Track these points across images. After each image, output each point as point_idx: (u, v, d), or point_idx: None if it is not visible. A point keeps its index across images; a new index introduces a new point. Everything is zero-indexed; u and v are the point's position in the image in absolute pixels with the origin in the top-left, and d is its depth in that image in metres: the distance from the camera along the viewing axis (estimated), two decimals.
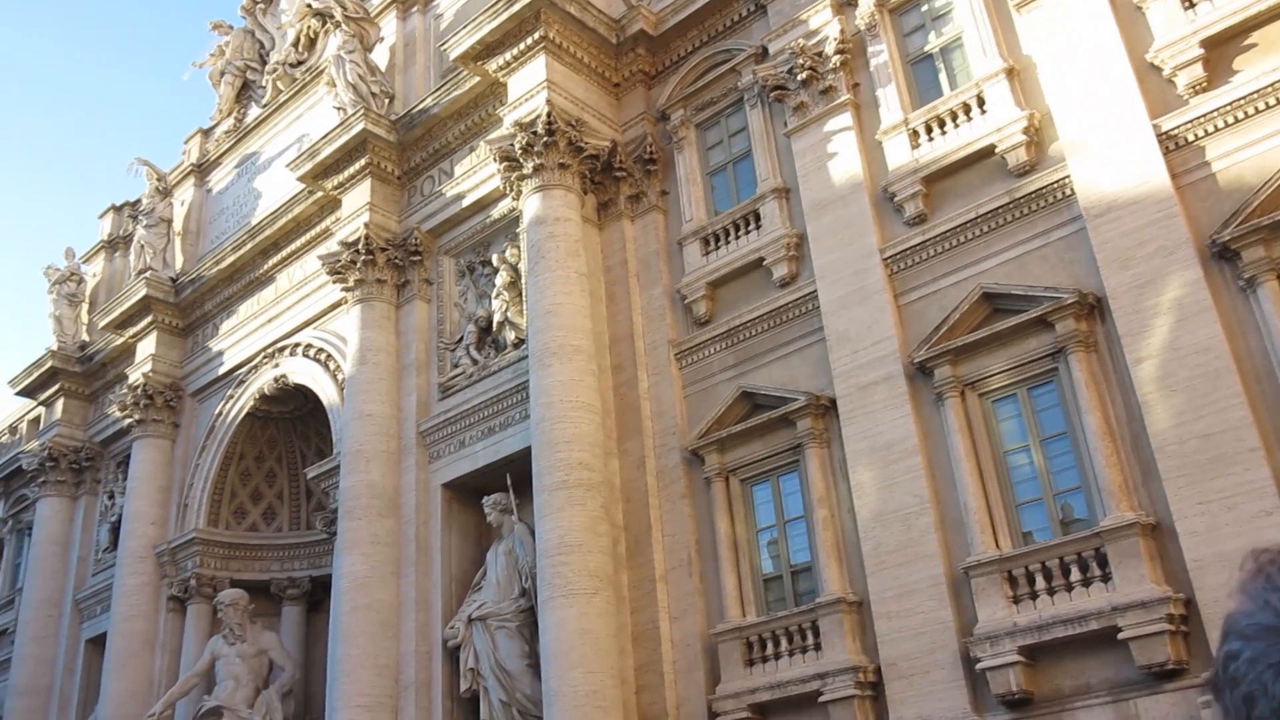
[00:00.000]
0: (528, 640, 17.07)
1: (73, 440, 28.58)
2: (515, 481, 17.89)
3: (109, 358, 28.29)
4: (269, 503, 25.41)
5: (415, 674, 17.97)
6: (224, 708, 21.59)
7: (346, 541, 19.02)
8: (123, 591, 24.34)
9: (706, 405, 16.96)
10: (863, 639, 14.41)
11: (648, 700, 15.89)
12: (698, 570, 16.28)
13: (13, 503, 33.26)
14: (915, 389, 14.70)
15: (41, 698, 26.54)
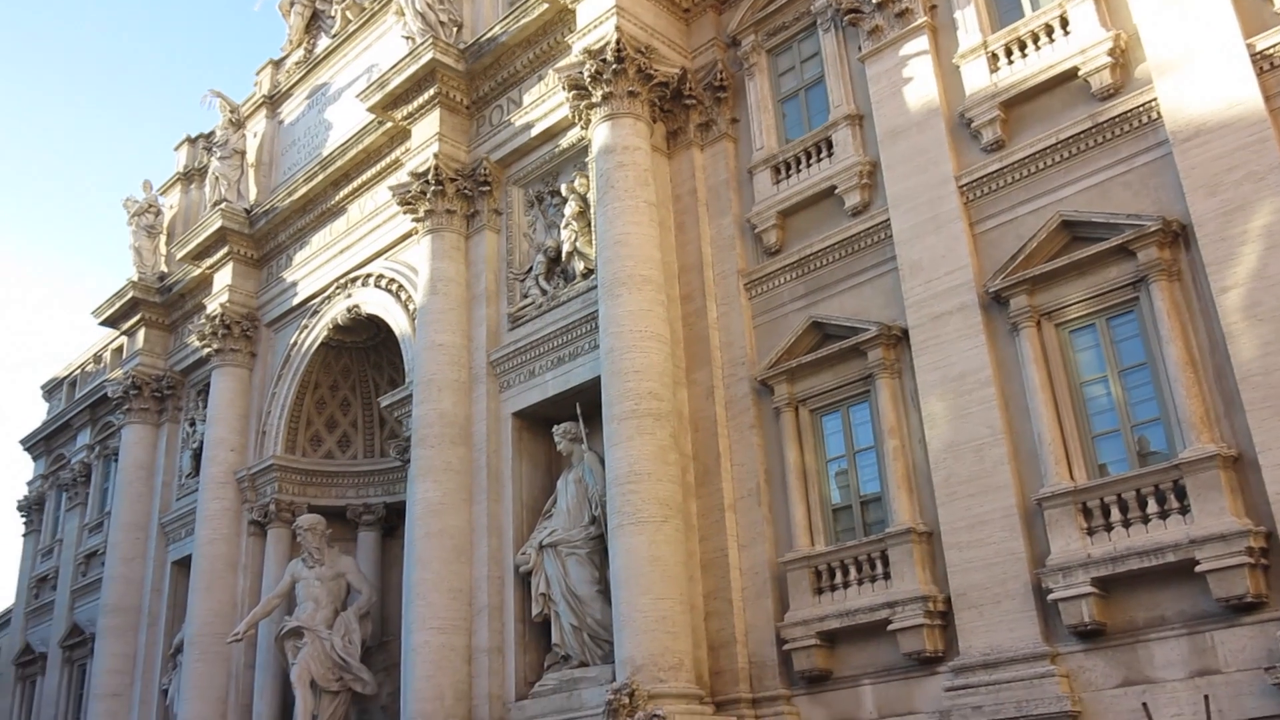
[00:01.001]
0: (598, 566, 17.33)
1: (154, 369, 29.35)
2: (584, 411, 18.04)
3: (187, 288, 28.89)
4: (344, 431, 25.95)
5: (488, 598, 18.37)
6: (304, 628, 22.30)
7: (419, 469, 19.38)
8: (205, 516, 25.14)
9: (776, 335, 16.89)
10: (932, 569, 14.41)
11: (716, 626, 16.10)
12: (766, 500, 16.35)
13: (99, 429, 34.37)
14: (990, 319, 14.48)
15: (131, 616, 27.63)
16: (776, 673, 15.49)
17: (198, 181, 31.09)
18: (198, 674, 23.77)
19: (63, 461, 36.48)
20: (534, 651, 18.11)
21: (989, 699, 12.99)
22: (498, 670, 17.99)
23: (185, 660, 24.33)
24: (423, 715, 17.66)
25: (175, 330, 29.83)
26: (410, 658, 18.41)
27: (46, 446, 37.78)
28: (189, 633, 24.54)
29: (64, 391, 37.91)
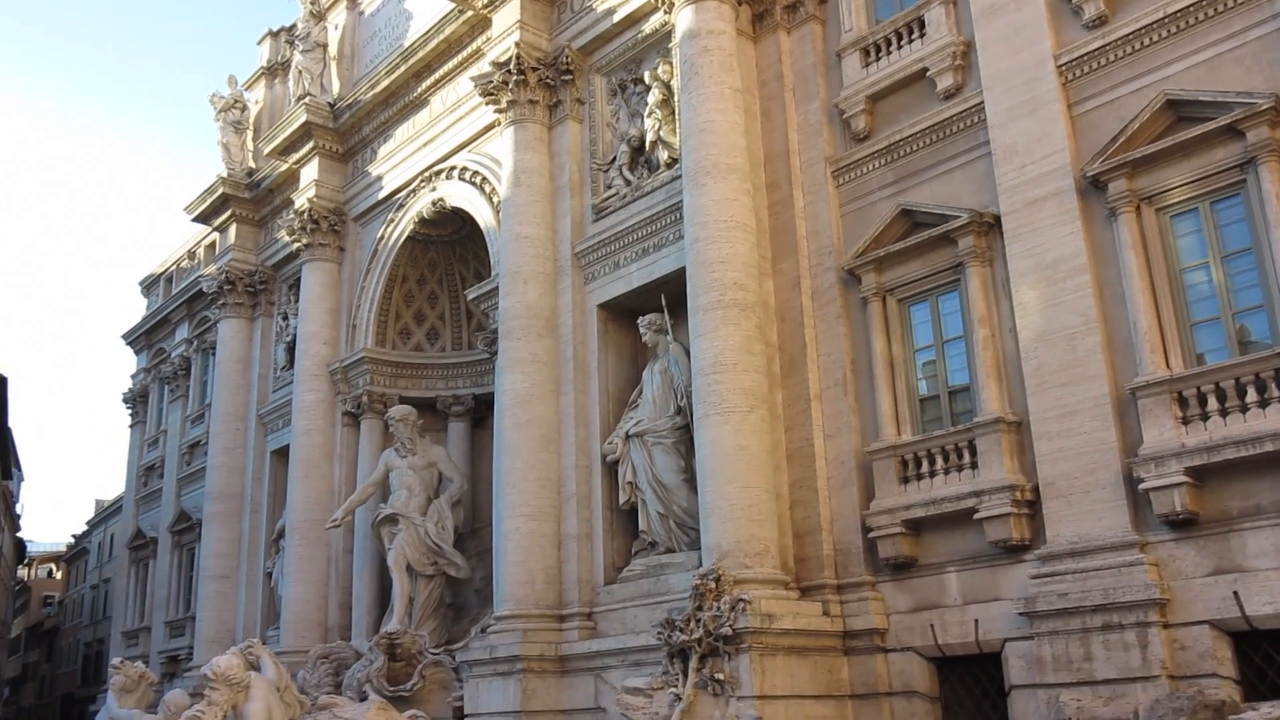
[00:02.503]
0: (684, 456, 17.56)
1: (246, 264, 30.03)
2: (670, 302, 18.08)
3: (275, 184, 29.31)
4: (432, 323, 26.39)
5: (576, 486, 18.77)
6: (399, 515, 23.07)
7: (507, 360, 19.69)
8: (301, 407, 25.93)
9: (864, 224, 16.64)
10: (1020, 459, 14.34)
11: (801, 515, 16.28)
12: (853, 390, 16.33)
13: (196, 324, 35.40)
14: (1086, 204, 14.07)
15: (234, 503, 28.82)
16: (861, 560, 15.67)
17: (281, 76, 31.28)
18: (299, 558, 24.83)
19: (163, 355, 37.72)
20: (621, 538, 18.54)
21: (1075, 586, 13.01)
22: (586, 556, 18.47)
23: (287, 545, 25.40)
24: (514, 598, 18.27)
25: (265, 225, 30.39)
26: (501, 543, 18.99)
27: (147, 341, 39.07)
28: (289, 519, 25.56)
29: (161, 287, 39.01)
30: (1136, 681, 12.25)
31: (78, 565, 69.05)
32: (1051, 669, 13.00)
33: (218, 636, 26.61)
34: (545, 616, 18.09)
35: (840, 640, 15.35)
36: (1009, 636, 13.89)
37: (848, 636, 15.37)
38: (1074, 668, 12.79)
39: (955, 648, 14.57)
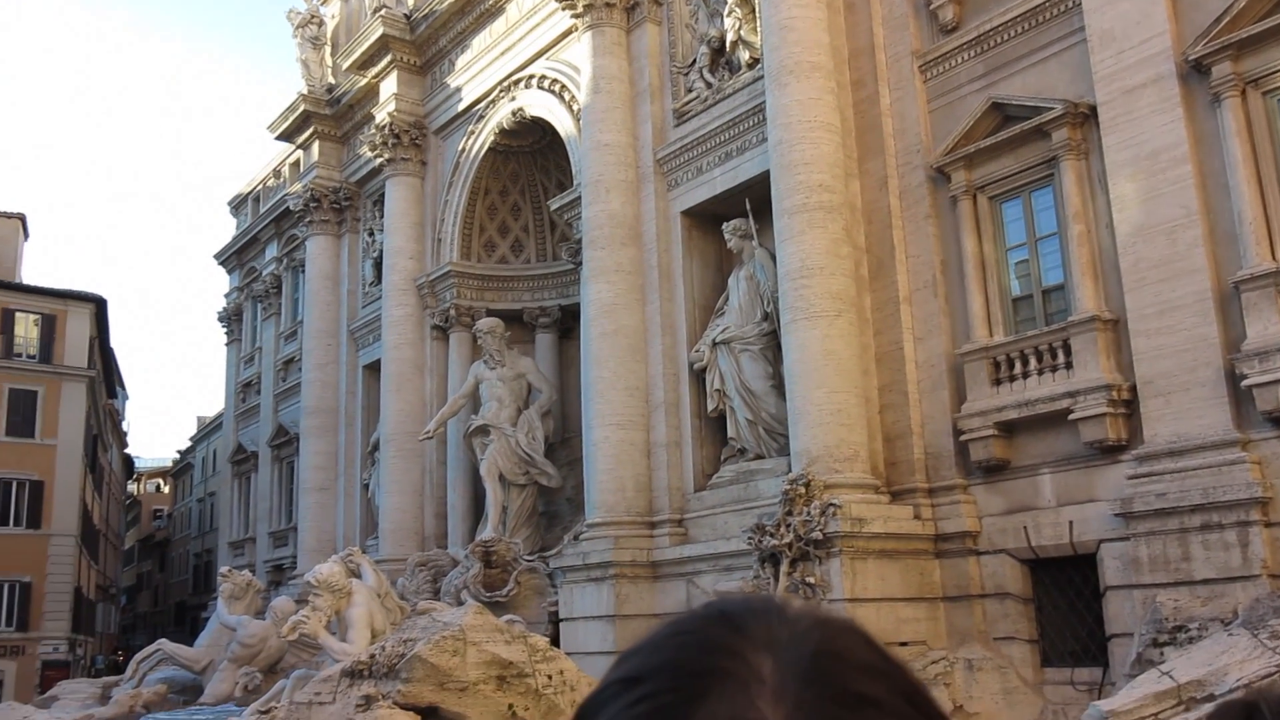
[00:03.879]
0: (771, 362, 17.49)
1: (330, 181, 30.32)
2: (754, 206, 17.84)
3: (355, 99, 29.39)
4: (516, 235, 26.46)
5: (664, 394, 18.85)
6: (490, 426, 23.46)
7: (591, 270, 19.70)
8: (390, 322, 26.35)
9: (953, 120, 16.13)
10: (1117, 357, 13.98)
11: (891, 419, 16.16)
12: (943, 291, 16.02)
13: (285, 242, 35.98)
14: (1188, 90, 13.44)
15: (329, 417, 29.56)
16: (953, 463, 15.53)
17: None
18: (395, 469, 25.46)
19: (254, 274, 38.48)
20: (710, 445, 18.62)
21: (1174, 486, 12.75)
22: (676, 463, 18.62)
23: (382, 457, 26.05)
24: (606, 506, 18.55)
25: (347, 142, 30.57)
26: (591, 452, 19.22)
27: (238, 260, 39.87)
28: (383, 431, 26.16)
29: (249, 207, 39.63)
30: (1236, 581, 12.03)
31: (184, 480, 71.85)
32: (1148, 569, 12.83)
33: (319, 546, 27.52)
34: (636, 523, 18.36)
35: (931, 543, 15.32)
36: (1104, 538, 13.71)
37: (939, 539, 15.33)
38: (1171, 568, 12.60)
39: (1049, 549, 14.45)
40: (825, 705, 0.77)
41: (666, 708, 0.77)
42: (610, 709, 0.81)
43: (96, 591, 54.98)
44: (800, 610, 0.86)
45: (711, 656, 0.80)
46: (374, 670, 11.23)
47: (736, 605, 0.87)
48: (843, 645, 0.83)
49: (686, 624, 0.86)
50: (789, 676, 0.78)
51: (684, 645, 0.83)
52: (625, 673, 0.83)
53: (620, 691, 0.81)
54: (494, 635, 11.37)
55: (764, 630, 0.83)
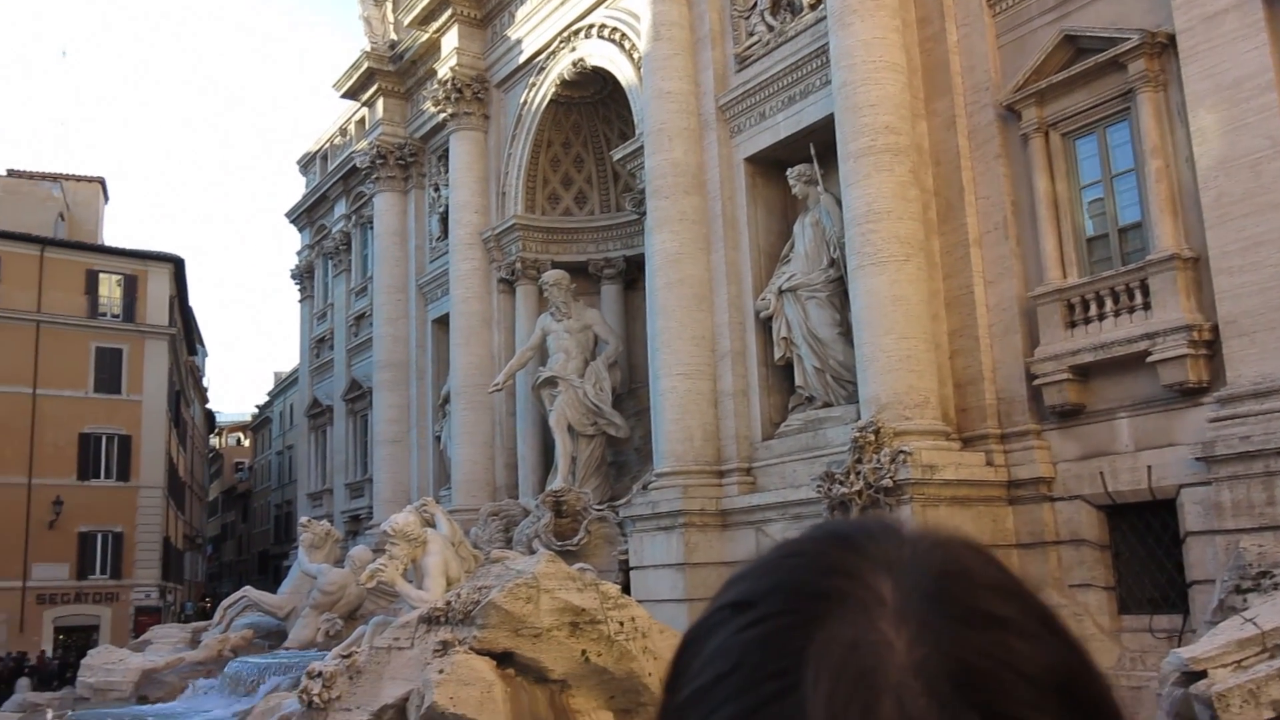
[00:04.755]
0: (838, 309, 17.29)
1: (395, 137, 30.47)
2: (819, 151, 17.55)
3: (417, 55, 29.41)
4: (579, 187, 26.40)
5: (730, 343, 18.76)
6: (558, 377, 23.59)
7: (655, 220, 19.59)
8: (457, 276, 26.54)
9: (1023, 55, 15.65)
10: (1198, 297, 13.57)
11: (962, 364, 15.90)
12: (1014, 233, 15.65)
13: (353, 199, 36.33)
14: (1272, 14, 12.85)
15: (400, 370, 29.97)
16: (1025, 408, 15.26)
17: None
18: (465, 421, 25.77)
19: (324, 232, 38.96)
20: (777, 394, 18.52)
21: (1258, 429, 12.38)
22: (743, 412, 18.56)
23: (453, 409, 26.37)
24: (674, 455, 18.58)
25: (411, 98, 30.66)
26: (658, 402, 19.24)
27: (309, 218, 40.38)
28: (453, 384, 26.46)
29: (318, 165, 40.04)
30: None
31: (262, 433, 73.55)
32: (1230, 514, 12.52)
33: (394, 496, 28.02)
34: (704, 472, 18.37)
35: (1004, 490, 15.11)
36: (1184, 482, 13.40)
37: (1012, 486, 15.11)
38: (1255, 512, 12.28)
39: (1126, 495, 14.17)
40: (953, 625, 0.72)
41: (781, 631, 0.73)
42: (720, 635, 0.77)
43: (184, 541, 56.76)
44: (919, 531, 0.81)
45: (828, 578, 0.76)
46: (450, 617, 11.42)
47: (851, 526, 0.82)
48: (968, 564, 0.78)
49: (799, 546, 0.82)
50: (912, 597, 0.73)
51: (798, 567, 0.78)
52: (735, 597, 0.79)
53: (730, 616, 0.78)
54: (566, 583, 11.48)
55: (882, 551, 0.78)
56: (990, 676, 0.70)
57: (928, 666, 0.69)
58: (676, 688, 0.78)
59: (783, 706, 0.69)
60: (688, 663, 0.78)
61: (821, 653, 0.70)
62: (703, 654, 0.77)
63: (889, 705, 0.67)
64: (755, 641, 0.74)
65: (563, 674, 11.12)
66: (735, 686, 0.72)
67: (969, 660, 0.70)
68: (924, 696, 0.68)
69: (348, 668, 11.70)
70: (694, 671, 0.77)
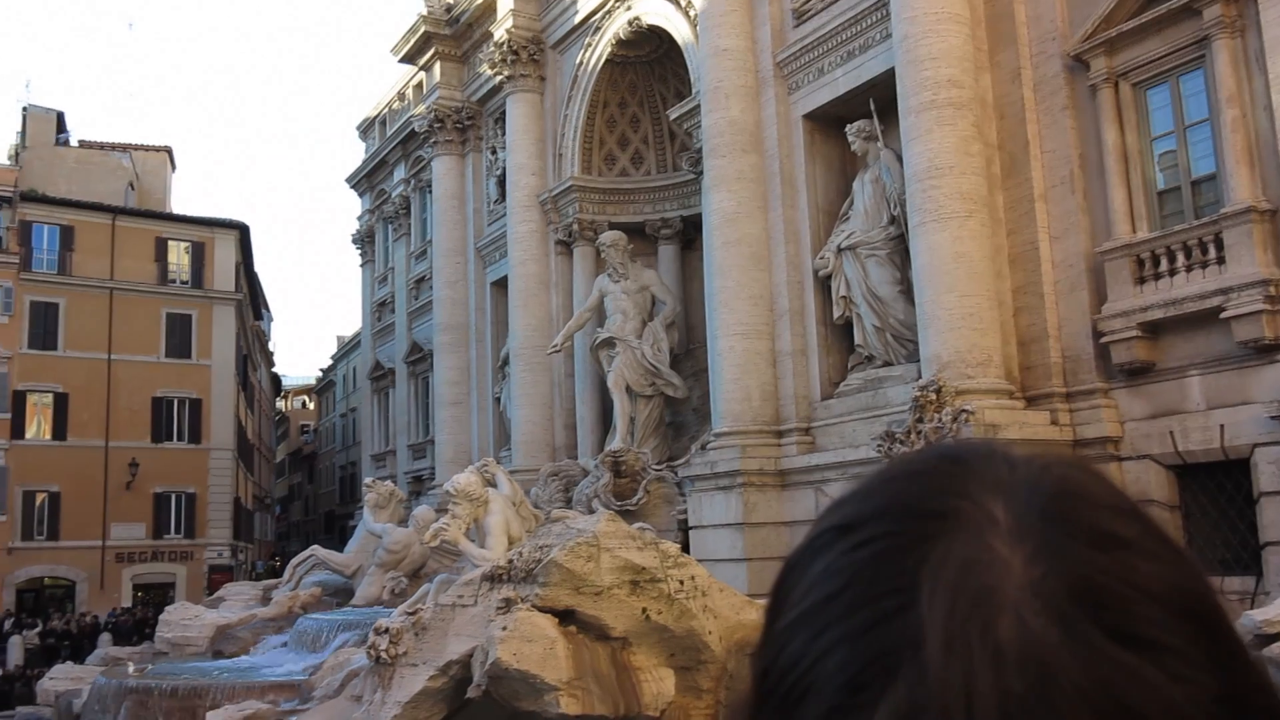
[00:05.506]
0: (898, 267, 17.06)
1: (453, 101, 30.50)
2: (879, 107, 17.26)
3: (473, 17, 29.35)
4: (635, 147, 26.26)
5: (788, 303, 18.61)
6: (616, 338, 23.61)
7: (712, 179, 19.43)
8: (515, 238, 26.60)
9: (1092, 3, 15.18)
10: (1275, 250, 13.18)
11: (1026, 322, 15.63)
12: (1081, 187, 15.29)
13: (412, 164, 36.49)
14: None
15: (460, 333, 30.21)
16: (1092, 366, 14.98)
17: None
18: (525, 383, 25.93)
19: (384, 196, 39.21)
20: (836, 353, 18.37)
21: None
22: (802, 372, 18.44)
23: (512, 371, 26.54)
24: (732, 415, 18.54)
25: (467, 61, 30.64)
26: (716, 362, 19.18)
27: (368, 183, 40.66)
28: (512, 346, 26.61)
29: (376, 130, 40.23)
30: None
31: (327, 396, 74.72)
32: None
33: (455, 457, 28.34)
34: (763, 432, 18.31)
35: (1070, 449, 14.84)
36: (1259, 441, 13.07)
37: (1078, 445, 14.86)
38: None
39: (1197, 454, 13.86)
40: (1072, 545, 0.69)
41: (893, 550, 0.71)
42: (826, 557, 0.74)
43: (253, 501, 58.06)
44: (1028, 454, 0.78)
45: (938, 497, 0.73)
46: (512, 575, 11.53)
47: (957, 447, 0.79)
48: (1084, 485, 0.75)
49: (905, 467, 0.78)
50: (1027, 517, 0.70)
51: (905, 488, 0.75)
52: (839, 520, 0.77)
53: (836, 538, 0.75)
54: (626, 542, 11.52)
55: (991, 472, 0.75)
56: (1115, 595, 0.67)
57: (1047, 585, 0.67)
58: (780, 613, 0.76)
59: (898, 623, 0.67)
60: (791, 587, 0.76)
61: (936, 571, 0.68)
62: (808, 577, 0.75)
63: (1008, 623, 0.65)
64: (866, 561, 0.72)
65: (623, 631, 11.19)
66: (847, 605, 0.70)
67: (1092, 578, 0.68)
68: (1043, 615, 0.65)
69: (413, 624, 11.88)
70: (799, 594, 0.75)
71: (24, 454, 41.29)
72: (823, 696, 0.68)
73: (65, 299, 43.20)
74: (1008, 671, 0.63)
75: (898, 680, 0.65)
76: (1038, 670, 0.63)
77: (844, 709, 0.66)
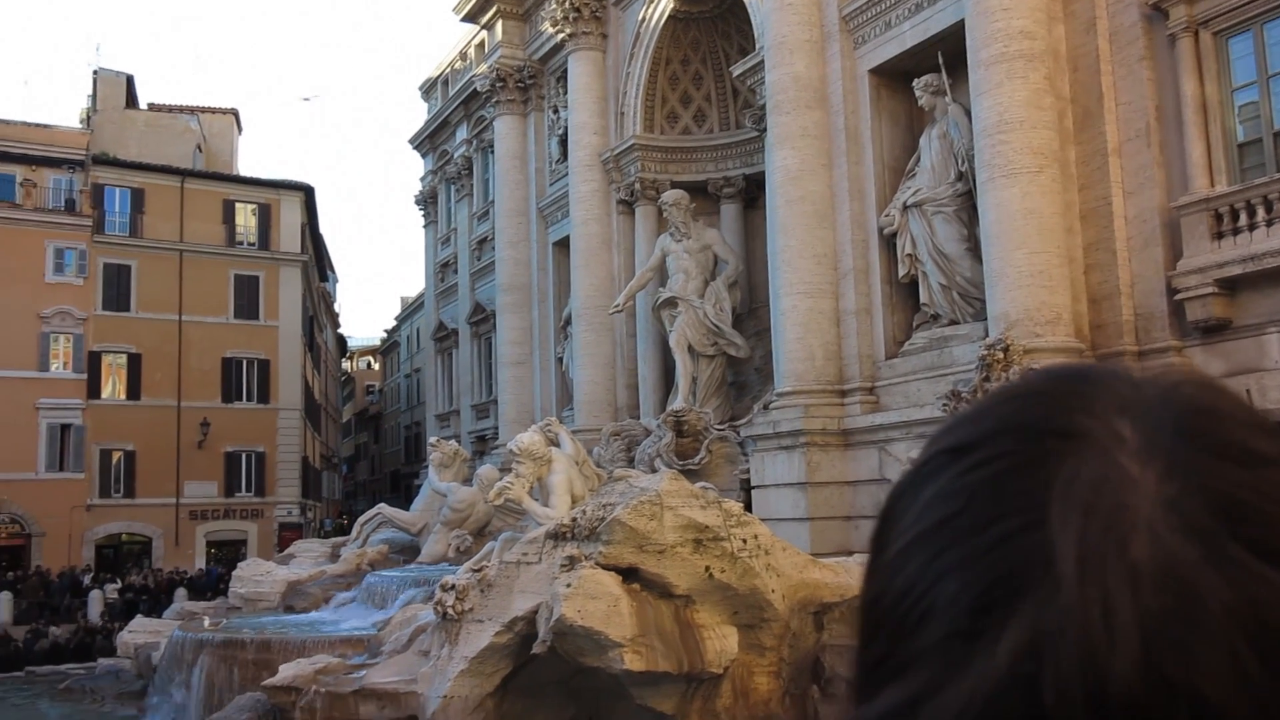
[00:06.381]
0: (966, 224, 16.77)
1: (514, 60, 30.43)
2: (947, 60, 16.90)
3: None
4: (698, 105, 26.02)
5: (853, 261, 18.40)
6: (678, 298, 23.53)
7: (776, 136, 19.21)
8: (577, 198, 26.58)
9: None
10: None
11: (1098, 279, 15.30)
12: (1157, 140, 14.86)
13: (474, 124, 36.53)
14: None
15: (523, 293, 30.34)
16: (1166, 324, 14.63)
17: None
18: (587, 343, 26.00)
19: (446, 157, 39.34)
20: (901, 312, 18.15)
21: None
22: (866, 331, 18.26)
23: (574, 331, 26.62)
24: (795, 375, 18.43)
25: (529, 19, 30.52)
26: (779, 322, 19.06)
27: (431, 144, 40.82)
28: (575, 306, 26.67)
29: (439, 90, 40.32)
30: None
31: (391, 357, 75.68)
32: None
33: (518, 417, 28.54)
34: (826, 392, 18.19)
35: None
36: None
37: None
38: None
39: (1276, 413, 13.49)
40: (1208, 461, 0.65)
41: (1014, 470, 0.67)
42: (939, 480, 0.70)
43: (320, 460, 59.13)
44: (1153, 372, 0.73)
45: (1062, 416, 0.68)
46: (576, 533, 11.63)
47: (1077, 367, 0.75)
48: (1217, 402, 0.70)
49: (1021, 388, 0.74)
50: (1158, 434, 0.67)
51: (1024, 407, 0.71)
52: (953, 442, 0.72)
53: (949, 461, 0.71)
54: (690, 500, 11.55)
55: (1114, 389, 0.71)
56: (1261, 512, 0.63)
57: (1183, 502, 0.63)
58: (889, 540, 0.72)
59: (1024, 544, 0.63)
60: (901, 512, 0.73)
61: (1065, 489, 0.64)
62: (920, 501, 0.71)
63: (1143, 541, 0.62)
64: (985, 482, 0.68)
65: (686, 589, 11.24)
66: (966, 526, 0.66)
67: (1234, 494, 0.64)
68: (1181, 532, 0.62)
69: (479, 581, 12.04)
70: (911, 519, 0.71)
71: (100, 413, 42.43)
72: (943, 620, 0.65)
73: (137, 261, 44.11)
74: (1146, 590, 0.60)
75: (1026, 601, 0.62)
76: (1178, 589, 0.60)
77: (967, 632, 0.63)
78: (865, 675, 0.71)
